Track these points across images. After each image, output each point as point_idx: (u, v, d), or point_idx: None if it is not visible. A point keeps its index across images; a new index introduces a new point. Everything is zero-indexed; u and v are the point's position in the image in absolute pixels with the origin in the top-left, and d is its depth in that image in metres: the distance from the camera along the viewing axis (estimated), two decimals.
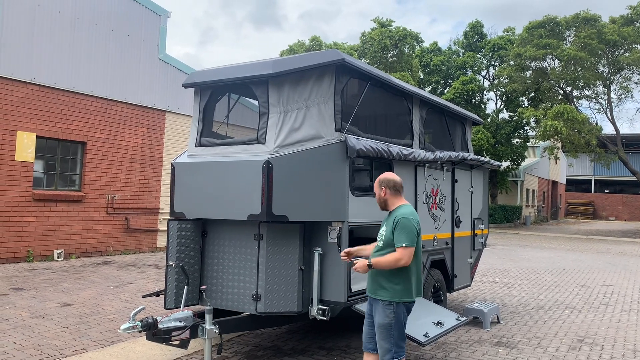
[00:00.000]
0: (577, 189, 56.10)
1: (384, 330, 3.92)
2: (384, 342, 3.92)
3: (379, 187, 4.07)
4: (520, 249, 18.30)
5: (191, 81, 5.44)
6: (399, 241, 3.82)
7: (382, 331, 3.92)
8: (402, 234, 3.82)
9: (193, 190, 5.10)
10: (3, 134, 10.34)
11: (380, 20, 30.18)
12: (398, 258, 3.79)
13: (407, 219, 3.86)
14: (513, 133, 31.33)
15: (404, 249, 3.79)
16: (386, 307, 3.91)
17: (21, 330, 5.94)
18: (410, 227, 3.84)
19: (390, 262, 3.82)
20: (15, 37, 10.58)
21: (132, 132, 12.85)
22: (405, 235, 3.81)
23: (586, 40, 25.77)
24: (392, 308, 3.90)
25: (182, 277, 5.03)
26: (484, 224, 8.05)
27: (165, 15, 13.77)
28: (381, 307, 3.93)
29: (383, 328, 3.92)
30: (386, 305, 3.91)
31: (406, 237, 3.81)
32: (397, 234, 3.84)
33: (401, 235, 3.82)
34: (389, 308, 3.90)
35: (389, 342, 3.91)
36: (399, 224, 3.85)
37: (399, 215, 3.91)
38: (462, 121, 7.81)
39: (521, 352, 5.84)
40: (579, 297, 9.36)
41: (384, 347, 3.92)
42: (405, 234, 3.81)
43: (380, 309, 3.94)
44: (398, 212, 3.95)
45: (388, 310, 3.90)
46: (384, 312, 3.91)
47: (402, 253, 3.80)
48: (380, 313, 3.93)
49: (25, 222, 10.68)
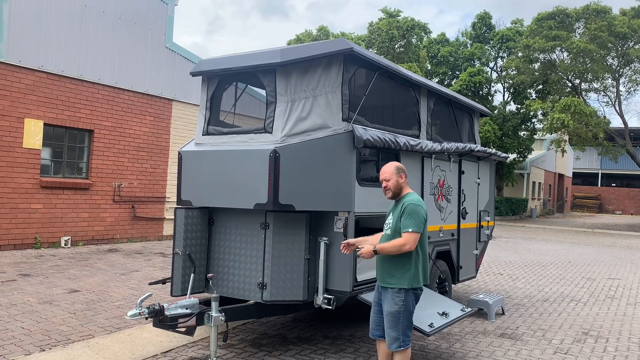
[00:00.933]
0: (583, 182, 55.84)
1: (392, 318, 3.94)
2: (392, 330, 3.94)
3: (397, 173, 4.09)
4: (525, 242, 18.27)
5: (199, 69, 5.43)
6: (405, 226, 3.87)
7: (391, 319, 3.94)
8: (408, 219, 3.87)
9: (200, 178, 5.12)
10: (11, 121, 10.38)
11: (388, 11, 30.00)
12: (403, 243, 3.84)
13: (415, 204, 3.92)
14: (520, 125, 31.16)
15: (409, 234, 3.84)
16: (395, 294, 3.93)
17: (29, 315, 5.99)
18: (418, 212, 3.90)
19: (395, 247, 3.86)
20: (24, 24, 10.58)
21: (139, 121, 12.87)
22: (412, 221, 3.86)
23: (596, 33, 25.52)
24: (402, 295, 3.93)
25: (188, 265, 5.06)
26: (490, 215, 8.04)
27: (172, 4, 13.74)
28: (390, 295, 3.95)
29: (392, 316, 3.94)
30: (395, 293, 3.93)
31: (413, 223, 3.86)
32: (404, 219, 3.89)
33: (408, 220, 3.87)
34: (398, 295, 3.93)
35: (396, 330, 3.93)
36: (407, 210, 3.90)
37: (407, 201, 3.96)
38: (470, 112, 7.78)
39: (526, 343, 5.85)
40: (584, 290, 9.35)
41: (392, 335, 3.94)
42: (412, 220, 3.87)
43: (389, 297, 3.96)
44: (406, 199, 4.00)
45: (397, 297, 3.93)
46: (392, 299, 3.94)
47: (407, 238, 3.84)
48: (389, 301, 3.95)
49: (32, 209, 10.75)
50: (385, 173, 4.13)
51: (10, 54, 10.34)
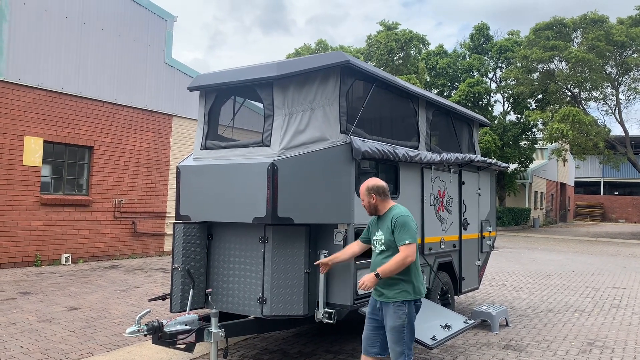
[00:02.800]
0: (586, 191, 55.73)
1: (396, 333, 3.87)
2: (397, 345, 3.87)
3: (369, 194, 4.08)
4: (528, 252, 18.17)
5: (196, 84, 5.43)
6: (401, 239, 3.85)
7: (395, 334, 3.88)
8: (402, 232, 3.86)
9: (199, 193, 5.09)
10: (11, 138, 10.39)
11: (386, 23, 30.18)
12: (404, 256, 3.81)
13: (404, 216, 3.92)
14: (520, 135, 31.18)
15: (407, 246, 3.83)
16: (398, 308, 3.88)
17: (28, 334, 5.94)
18: (409, 223, 3.90)
19: (397, 264, 3.81)
20: (23, 42, 10.64)
21: (139, 137, 12.89)
22: (407, 232, 3.86)
23: (594, 42, 25.62)
24: (405, 308, 3.88)
25: (187, 281, 5.01)
26: (491, 226, 7.99)
27: (171, 20, 13.83)
28: (392, 309, 3.89)
29: (395, 331, 3.87)
30: (398, 307, 3.88)
31: (408, 234, 3.85)
32: (398, 232, 3.87)
33: (402, 233, 3.86)
34: (401, 309, 3.88)
35: (401, 345, 3.87)
36: (398, 223, 3.89)
37: (395, 215, 3.95)
38: (469, 123, 7.77)
39: (530, 355, 5.77)
40: (588, 299, 9.27)
41: (397, 350, 3.87)
42: (406, 231, 3.86)
43: (391, 312, 3.90)
44: (393, 213, 4.00)
45: (400, 311, 3.87)
46: (395, 313, 3.88)
47: (407, 250, 3.82)
48: (392, 315, 3.89)
49: (33, 226, 10.73)
50: (360, 193, 4.18)
51: (9, 72, 10.39)
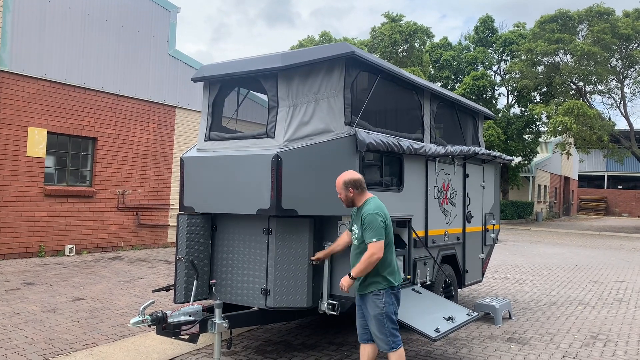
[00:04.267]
0: (589, 185, 55.58)
1: (377, 321, 4.05)
2: (379, 333, 4.06)
3: (346, 188, 4.16)
4: (532, 245, 18.16)
5: (200, 75, 5.41)
6: (368, 238, 3.99)
7: (376, 322, 4.06)
8: (369, 230, 3.99)
9: (202, 184, 5.09)
10: (15, 129, 10.40)
11: (390, 15, 30.03)
12: (370, 254, 3.95)
13: (371, 214, 4.01)
14: (524, 128, 31.05)
15: (373, 244, 3.96)
16: (375, 297, 4.06)
17: (32, 324, 5.97)
18: (375, 221, 3.99)
19: (365, 263, 3.96)
20: (26, 33, 10.62)
21: (143, 128, 12.88)
22: (373, 231, 3.97)
23: (599, 35, 25.44)
24: (381, 297, 4.05)
25: (191, 272, 5.02)
26: (495, 219, 7.97)
27: (175, 11, 13.78)
28: (370, 299, 4.08)
29: (375, 319, 4.06)
30: (375, 296, 4.06)
31: (373, 233, 3.97)
32: (365, 231, 4.02)
33: (369, 232, 3.99)
34: (378, 297, 4.05)
35: (383, 333, 4.05)
36: (366, 222, 4.02)
37: (366, 212, 4.06)
38: (474, 115, 7.73)
39: (533, 348, 5.77)
40: (592, 293, 9.26)
41: (381, 338, 4.07)
42: (372, 230, 3.98)
43: (370, 302, 4.08)
44: (365, 209, 4.10)
45: (378, 300, 4.05)
46: (373, 302, 4.06)
47: (373, 248, 3.95)
48: (371, 305, 4.08)
49: (37, 217, 10.76)
50: (336, 187, 4.23)
51: (13, 62, 10.38)
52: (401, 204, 5.47)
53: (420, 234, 5.78)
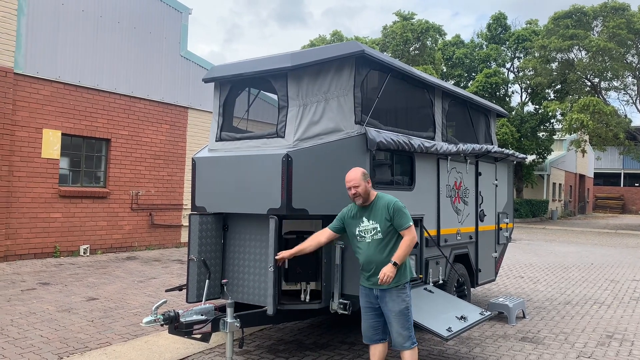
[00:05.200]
0: (605, 183, 54.88)
1: (402, 316, 3.97)
2: (403, 329, 3.97)
3: (364, 179, 4.11)
4: (546, 244, 17.99)
5: (211, 76, 5.44)
6: (404, 223, 3.99)
7: (401, 318, 3.97)
8: (402, 217, 4.01)
9: (214, 184, 5.11)
10: (29, 131, 10.53)
11: (402, 14, 29.92)
12: (411, 238, 3.96)
13: (397, 202, 4.06)
14: (539, 126, 30.74)
15: (411, 228, 3.99)
16: (401, 292, 3.99)
17: (48, 323, 6.04)
18: (404, 208, 4.05)
19: (408, 247, 3.95)
20: (40, 36, 10.74)
21: (156, 129, 12.97)
22: (406, 216, 4.01)
23: (615, 30, 25.11)
24: (407, 291, 4.02)
25: (203, 271, 5.04)
26: (508, 217, 7.91)
27: (186, 12, 13.85)
28: (395, 294, 3.99)
29: (401, 314, 3.97)
30: (400, 290, 3.99)
31: (408, 218, 4.01)
32: (398, 219, 4.00)
33: (402, 218, 4.00)
34: (404, 291, 4.00)
35: (407, 328, 3.99)
36: (397, 209, 4.02)
37: (388, 201, 4.06)
38: (486, 113, 7.67)
39: (548, 347, 5.72)
40: (607, 292, 9.15)
41: (404, 334, 3.97)
42: (405, 216, 4.01)
43: (394, 296, 3.98)
44: (386, 200, 4.09)
45: (403, 294, 4.00)
46: (399, 297, 3.98)
47: (412, 232, 3.97)
48: (395, 299, 3.98)
49: (52, 218, 10.88)
50: (354, 180, 4.09)
51: (28, 65, 10.50)
52: (412, 203, 5.44)
53: (432, 233, 5.75)
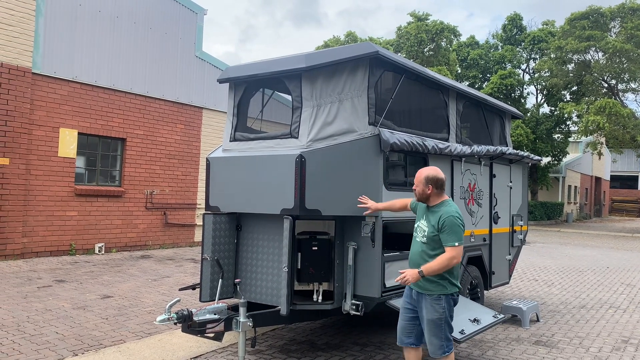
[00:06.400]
0: (622, 186, 54.23)
1: (434, 326, 3.87)
2: (435, 338, 3.88)
3: (425, 184, 3.97)
4: (561, 247, 17.81)
5: (226, 76, 5.47)
6: (450, 240, 3.80)
7: (433, 327, 3.88)
8: (451, 233, 3.80)
9: (227, 184, 5.14)
10: (47, 131, 10.66)
11: (416, 14, 29.84)
12: (450, 257, 3.78)
13: (454, 217, 3.84)
14: (554, 128, 30.46)
15: (455, 248, 3.78)
16: (435, 302, 3.87)
17: (63, 320, 6.11)
18: (458, 225, 3.83)
19: (443, 265, 3.78)
20: (58, 36, 10.88)
21: (170, 129, 13.07)
22: (455, 235, 3.80)
23: (633, 31, 24.81)
24: (442, 302, 3.87)
25: (216, 271, 5.07)
26: (523, 220, 7.85)
27: (202, 13, 13.94)
28: (430, 302, 3.88)
29: (433, 324, 3.87)
30: (435, 300, 3.87)
31: (456, 237, 3.80)
32: (446, 234, 3.82)
33: (451, 235, 3.80)
34: (438, 302, 3.87)
35: (439, 338, 3.88)
36: (447, 223, 3.82)
37: (446, 213, 3.87)
38: (501, 114, 7.63)
39: (562, 351, 5.67)
40: (623, 296, 9.04)
41: (435, 343, 3.88)
42: (455, 234, 3.80)
43: (428, 304, 3.89)
44: (444, 210, 3.90)
45: (437, 305, 3.87)
46: (432, 307, 3.87)
47: (455, 252, 3.79)
48: (429, 308, 3.88)
49: (68, 216, 11.01)
50: (416, 179, 4.04)
51: (45, 65, 10.64)
52: None
53: None
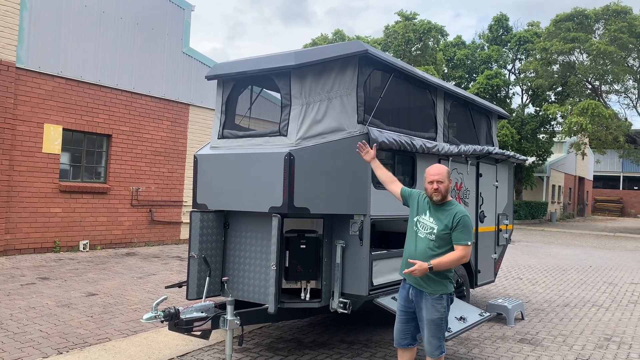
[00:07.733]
0: (604, 186, 54.94)
1: (435, 326, 3.86)
2: (434, 338, 3.87)
3: (448, 178, 3.97)
4: (545, 246, 18.01)
5: (214, 73, 5.44)
6: (462, 239, 3.82)
7: (433, 327, 3.87)
8: (465, 232, 3.84)
9: (215, 182, 5.11)
10: (31, 126, 10.52)
11: (404, 14, 29.92)
12: (461, 256, 3.81)
13: (467, 217, 3.88)
14: (539, 128, 30.77)
15: (467, 247, 3.81)
16: (437, 301, 3.86)
17: (47, 318, 6.04)
18: (470, 225, 3.89)
19: (453, 262, 3.81)
20: (43, 31, 10.74)
21: (157, 125, 12.98)
22: (468, 234, 3.84)
23: (616, 34, 25.12)
24: (443, 302, 3.88)
25: (204, 268, 5.05)
26: (508, 219, 7.92)
27: (189, 9, 13.85)
28: (431, 302, 3.87)
29: (434, 324, 3.86)
30: (437, 300, 3.86)
31: (468, 236, 3.84)
32: (459, 232, 3.83)
33: (464, 234, 3.83)
34: (440, 302, 3.87)
35: (438, 338, 3.88)
36: (462, 223, 3.84)
37: (460, 212, 3.88)
38: (487, 114, 7.69)
39: (546, 349, 5.73)
40: (606, 294, 9.17)
41: (434, 343, 3.87)
42: (467, 233, 3.84)
43: (429, 304, 3.87)
44: (457, 209, 3.90)
45: (439, 304, 3.86)
46: (434, 307, 3.86)
47: (466, 251, 3.81)
48: (430, 308, 3.86)
49: (52, 213, 10.88)
50: (439, 175, 3.92)
51: (30, 60, 10.50)
52: None
53: None
